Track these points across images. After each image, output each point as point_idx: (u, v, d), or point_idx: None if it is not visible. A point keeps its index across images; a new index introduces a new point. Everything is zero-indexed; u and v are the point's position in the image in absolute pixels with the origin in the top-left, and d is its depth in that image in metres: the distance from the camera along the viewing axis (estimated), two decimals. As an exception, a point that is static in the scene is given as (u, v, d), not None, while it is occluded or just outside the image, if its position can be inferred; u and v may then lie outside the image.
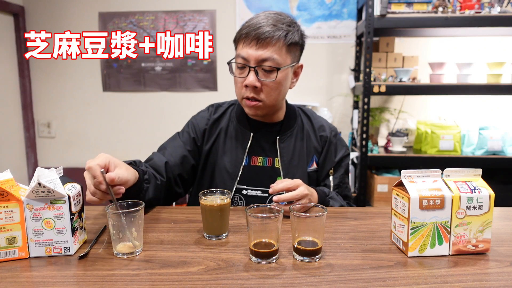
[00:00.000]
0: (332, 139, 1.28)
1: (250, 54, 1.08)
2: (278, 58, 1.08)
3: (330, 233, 0.92)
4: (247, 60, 1.09)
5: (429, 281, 0.69)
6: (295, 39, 1.12)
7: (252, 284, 0.68)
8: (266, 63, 1.08)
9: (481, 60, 2.70)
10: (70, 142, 3.19)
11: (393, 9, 2.46)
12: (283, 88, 1.15)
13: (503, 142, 2.54)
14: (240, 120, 1.24)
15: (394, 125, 2.93)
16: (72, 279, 0.70)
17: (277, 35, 1.07)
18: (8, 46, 2.97)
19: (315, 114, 1.34)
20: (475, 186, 0.79)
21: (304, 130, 1.26)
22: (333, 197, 1.17)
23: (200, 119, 1.28)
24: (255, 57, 1.08)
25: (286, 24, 1.10)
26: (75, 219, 0.80)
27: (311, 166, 1.24)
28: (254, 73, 1.09)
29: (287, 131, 1.23)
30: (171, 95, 3.06)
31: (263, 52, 1.07)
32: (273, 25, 1.08)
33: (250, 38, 1.08)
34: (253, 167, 1.21)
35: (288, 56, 1.12)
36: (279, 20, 1.10)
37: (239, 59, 1.11)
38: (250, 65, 1.09)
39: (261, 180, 1.20)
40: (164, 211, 1.09)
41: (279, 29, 1.08)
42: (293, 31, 1.11)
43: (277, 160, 1.21)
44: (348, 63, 2.97)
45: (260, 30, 1.06)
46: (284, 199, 0.98)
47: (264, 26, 1.07)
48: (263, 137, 1.22)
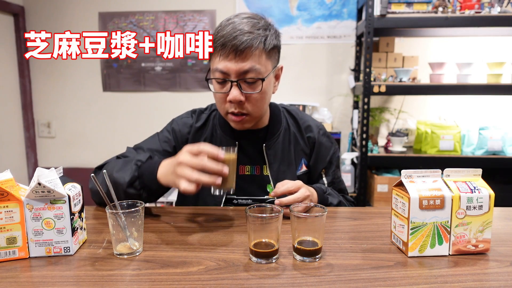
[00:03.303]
0: (321, 139, 1.25)
1: (230, 67, 1.00)
2: (260, 68, 1.02)
3: (330, 233, 0.92)
4: (227, 74, 1.02)
5: (429, 281, 0.69)
6: (274, 42, 1.06)
7: (252, 284, 0.68)
8: (248, 75, 1.01)
9: (481, 60, 2.70)
10: (70, 142, 3.19)
11: (393, 9, 2.46)
12: (268, 96, 1.10)
13: (503, 142, 2.54)
14: (224, 129, 1.18)
15: (394, 125, 2.93)
16: (72, 279, 0.70)
17: (255, 43, 1.00)
18: (8, 46, 2.97)
19: (300, 113, 1.29)
20: (475, 186, 0.79)
21: (291, 133, 1.22)
22: (330, 193, 1.15)
23: (182, 125, 1.22)
24: (236, 70, 1.00)
25: (263, 28, 1.03)
26: (75, 219, 0.80)
27: (300, 170, 1.22)
28: (237, 87, 1.02)
29: (273, 136, 1.19)
30: (171, 95, 3.06)
31: (244, 64, 1.00)
32: (249, 32, 1.00)
33: (227, 50, 1.00)
34: (241, 176, 1.17)
35: (268, 62, 1.06)
36: (254, 25, 1.02)
37: (218, 73, 1.03)
38: (231, 79, 1.02)
39: (250, 189, 1.17)
40: (164, 211, 1.09)
41: (257, 36, 1.00)
42: (270, 35, 1.04)
43: (265, 167, 1.18)
44: (348, 63, 2.97)
45: (236, 41, 0.98)
46: (287, 202, 0.96)
47: (240, 35, 0.99)
48: (249, 145, 1.18)
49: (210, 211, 1.08)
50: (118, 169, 1.01)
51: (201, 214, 1.06)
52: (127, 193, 0.98)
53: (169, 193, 2.79)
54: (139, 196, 0.99)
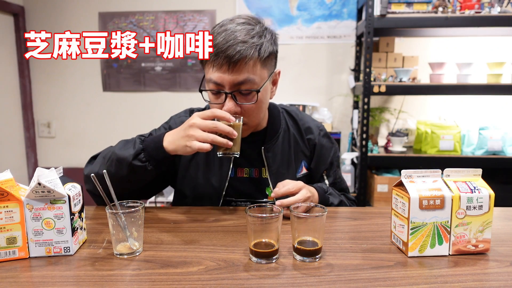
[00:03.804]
0: (321, 140, 1.23)
1: (224, 78, 0.98)
2: (255, 78, 0.99)
3: (330, 233, 0.92)
4: (221, 86, 1.00)
5: (429, 281, 0.69)
6: (269, 49, 1.01)
7: (252, 284, 0.68)
8: (243, 86, 0.99)
9: (481, 60, 2.70)
10: (70, 142, 3.19)
11: (393, 9, 2.46)
12: (265, 104, 1.09)
13: (503, 142, 2.54)
14: None
15: (394, 125, 2.93)
16: (72, 279, 0.70)
17: (250, 53, 0.96)
18: (8, 46, 2.97)
19: (300, 114, 1.27)
20: (475, 186, 0.79)
21: (290, 135, 1.20)
22: (331, 193, 1.15)
23: (180, 123, 1.17)
24: (229, 82, 0.98)
25: (257, 35, 0.99)
26: (75, 219, 0.80)
27: (300, 172, 1.20)
28: (232, 99, 1.00)
29: (272, 138, 1.16)
30: (171, 95, 3.06)
31: (238, 76, 0.97)
32: (243, 42, 0.96)
33: (219, 62, 0.96)
34: (239, 179, 1.16)
35: (264, 71, 1.03)
36: (248, 32, 0.98)
37: (212, 84, 1.01)
38: (225, 90, 1.00)
39: (249, 192, 1.16)
40: (164, 211, 1.09)
41: (251, 45, 0.97)
42: (266, 41, 1.00)
43: (264, 170, 1.16)
44: (348, 63, 2.97)
45: (229, 52, 0.95)
46: (288, 204, 0.95)
47: (233, 45, 0.95)
48: (247, 147, 1.14)
49: (210, 211, 1.08)
50: (121, 147, 1.01)
51: (201, 214, 1.06)
52: (132, 167, 0.96)
53: (169, 193, 2.79)
54: (145, 169, 0.97)
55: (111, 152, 1.02)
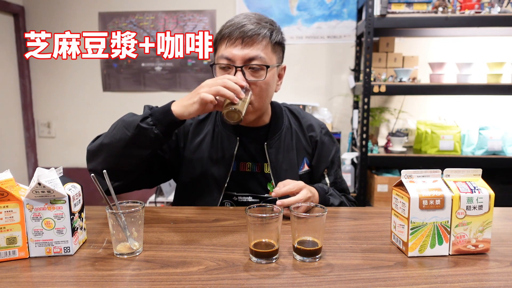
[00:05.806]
0: (323, 138, 1.25)
1: (235, 54, 1.02)
2: (265, 57, 1.04)
3: (330, 233, 0.92)
4: (232, 61, 1.03)
5: (429, 281, 0.69)
6: (279, 38, 1.09)
7: (252, 284, 0.68)
8: (253, 61, 1.03)
9: (481, 60, 2.70)
10: (70, 142, 3.19)
11: (393, 9, 2.46)
12: (271, 89, 1.11)
13: (503, 142, 2.54)
14: (226, 125, 1.18)
15: (394, 125, 2.93)
16: (72, 279, 0.70)
17: (263, 32, 1.04)
18: (8, 46, 2.97)
19: (302, 112, 1.29)
20: (475, 186, 0.79)
21: (293, 132, 1.22)
22: (332, 193, 1.15)
23: None
24: (241, 56, 1.02)
25: (269, 23, 1.07)
26: (75, 219, 0.80)
27: (302, 169, 1.21)
28: (241, 73, 1.03)
29: (275, 134, 1.18)
30: (171, 95, 3.06)
31: (250, 50, 1.02)
32: (257, 23, 1.04)
33: (234, 38, 1.02)
34: (242, 173, 1.17)
35: (273, 56, 1.08)
36: (261, 19, 1.07)
37: (223, 59, 1.04)
38: (236, 65, 1.03)
39: (251, 186, 1.17)
40: (164, 211, 1.09)
41: (264, 27, 1.04)
42: (276, 30, 1.08)
43: (266, 165, 1.17)
44: (348, 63, 2.97)
45: (244, 28, 1.02)
46: (288, 203, 0.95)
47: (248, 24, 1.03)
48: (250, 142, 1.17)
49: (210, 211, 1.08)
50: (130, 116, 1.04)
51: (201, 214, 1.06)
52: (139, 128, 0.96)
53: (169, 193, 2.79)
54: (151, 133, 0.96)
55: (119, 120, 1.05)
